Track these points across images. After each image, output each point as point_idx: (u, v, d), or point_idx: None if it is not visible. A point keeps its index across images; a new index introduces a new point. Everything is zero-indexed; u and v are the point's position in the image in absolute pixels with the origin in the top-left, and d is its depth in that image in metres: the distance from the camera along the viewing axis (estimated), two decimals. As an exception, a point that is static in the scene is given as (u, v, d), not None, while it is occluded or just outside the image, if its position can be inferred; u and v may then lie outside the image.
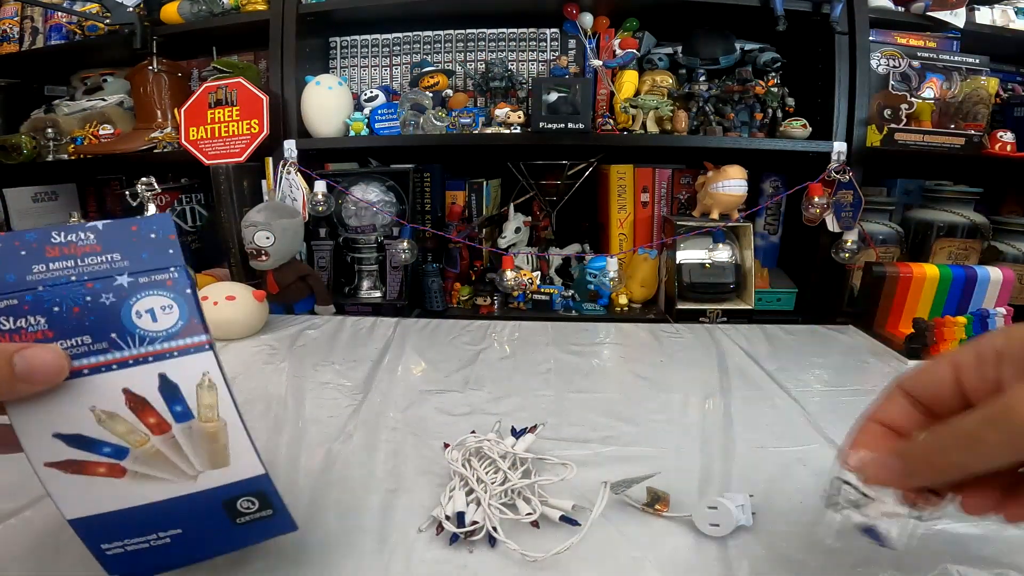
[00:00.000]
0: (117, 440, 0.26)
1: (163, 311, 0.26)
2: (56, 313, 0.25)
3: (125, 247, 0.27)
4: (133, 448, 0.27)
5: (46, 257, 0.25)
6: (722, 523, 0.36)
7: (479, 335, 0.81)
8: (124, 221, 0.27)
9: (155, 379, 0.26)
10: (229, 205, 0.94)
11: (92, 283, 0.26)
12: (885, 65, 0.98)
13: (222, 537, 0.30)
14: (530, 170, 1.07)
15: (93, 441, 0.26)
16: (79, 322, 0.25)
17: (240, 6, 1.04)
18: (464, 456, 0.43)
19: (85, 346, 0.25)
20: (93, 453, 0.26)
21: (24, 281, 0.25)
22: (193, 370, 0.27)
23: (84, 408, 0.26)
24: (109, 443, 0.26)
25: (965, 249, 0.98)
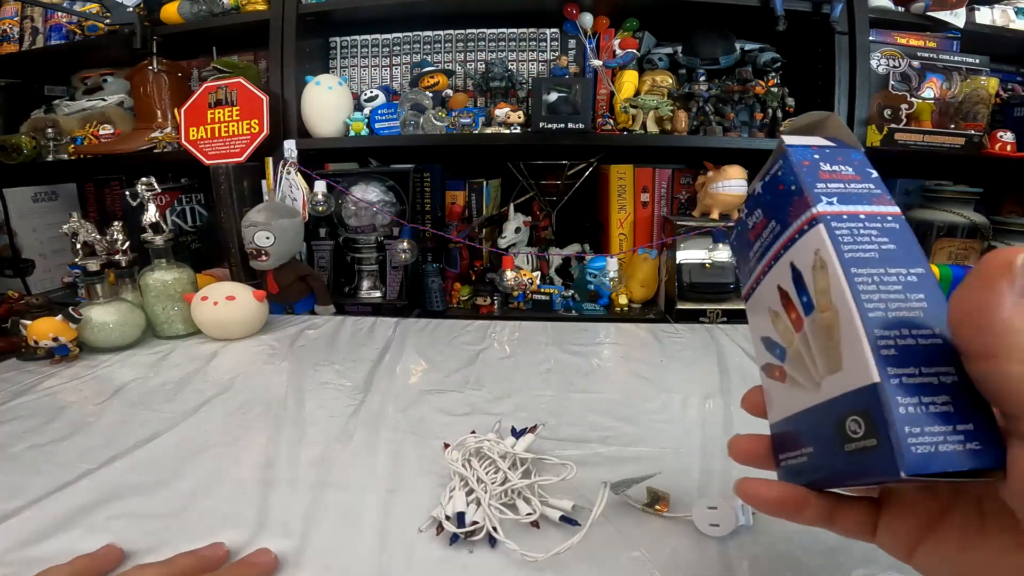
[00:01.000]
0: (780, 340, 0.26)
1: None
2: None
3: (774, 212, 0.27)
4: (787, 348, 0.26)
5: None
6: (722, 523, 0.36)
7: (479, 335, 0.81)
8: (772, 177, 0.27)
9: (788, 270, 0.25)
10: (229, 205, 0.94)
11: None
12: (885, 65, 0.98)
13: (838, 464, 0.23)
14: (530, 170, 1.07)
15: (773, 343, 0.27)
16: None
17: (240, 6, 1.04)
18: (464, 456, 0.43)
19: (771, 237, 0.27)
20: (773, 356, 0.27)
21: None
22: (808, 252, 0.24)
23: (767, 309, 0.27)
24: (778, 344, 0.26)
25: (965, 249, 0.98)
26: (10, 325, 0.72)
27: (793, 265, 0.25)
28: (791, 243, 0.25)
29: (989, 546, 0.21)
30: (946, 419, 0.20)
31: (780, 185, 0.26)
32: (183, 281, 0.80)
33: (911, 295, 0.22)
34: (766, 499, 0.25)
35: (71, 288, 1.09)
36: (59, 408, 0.58)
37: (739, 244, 0.31)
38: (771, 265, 0.27)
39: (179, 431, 0.53)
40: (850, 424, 0.22)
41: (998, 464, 0.19)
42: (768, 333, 0.28)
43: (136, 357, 0.73)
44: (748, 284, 0.30)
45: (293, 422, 0.54)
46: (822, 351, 0.23)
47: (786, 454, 0.27)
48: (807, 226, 0.24)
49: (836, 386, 0.23)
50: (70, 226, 0.74)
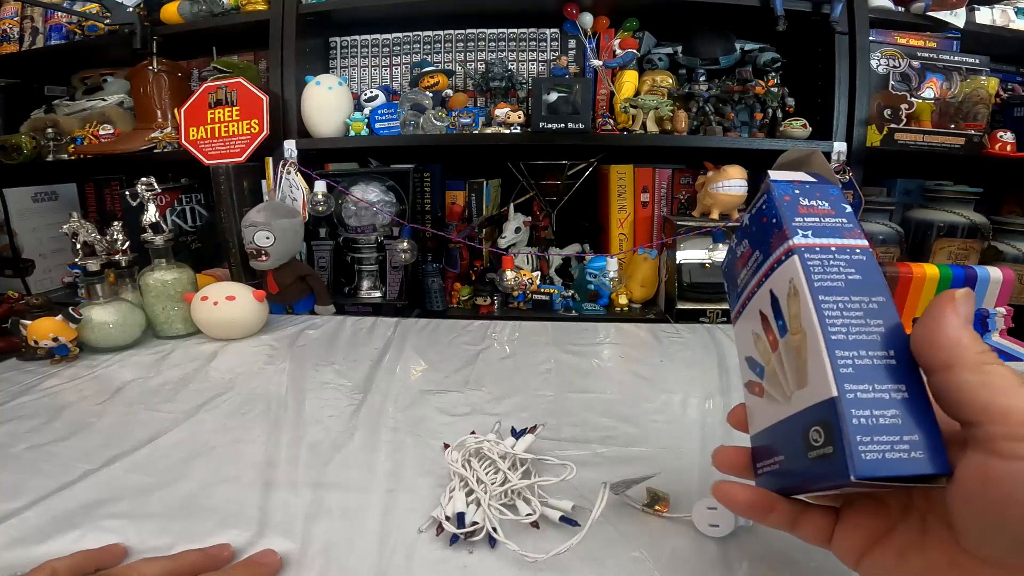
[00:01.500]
0: (760, 359, 0.29)
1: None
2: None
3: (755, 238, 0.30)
4: (765, 367, 0.28)
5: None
6: (722, 523, 0.36)
7: (479, 335, 0.81)
8: (758, 210, 0.30)
9: (768, 296, 0.28)
10: (229, 205, 0.94)
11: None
12: (885, 65, 0.98)
13: (803, 470, 0.25)
14: (530, 170, 1.07)
15: (755, 362, 0.29)
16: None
17: (240, 6, 1.04)
18: (464, 457, 0.43)
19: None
20: (754, 374, 0.29)
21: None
22: (784, 280, 0.27)
23: (750, 332, 0.30)
24: (759, 363, 0.29)
25: (965, 249, 0.98)
26: (10, 325, 0.72)
27: (772, 292, 0.28)
28: (771, 271, 0.28)
29: (925, 559, 0.23)
30: (894, 430, 0.22)
31: (764, 218, 0.29)
32: (183, 281, 0.80)
33: (871, 320, 0.25)
34: (737, 501, 0.28)
35: (71, 288, 1.09)
36: (59, 408, 0.58)
37: (729, 272, 0.34)
38: (755, 292, 0.30)
39: (179, 431, 0.53)
40: (812, 433, 0.24)
41: (941, 470, 0.22)
42: (751, 353, 0.31)
43: (136, 357, 0.73)
44: (736, 309, 0.33)
45: (293, 422, 0.54)
46: (793, 369, 0.26)
47: (763, 463, 0.29)
48: (784, 256, 0.27)
49: (802, 400, 0.25)
50: (70, 226, 0.74)
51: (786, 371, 0.27)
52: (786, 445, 0.27)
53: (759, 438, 0.30)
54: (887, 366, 0.24)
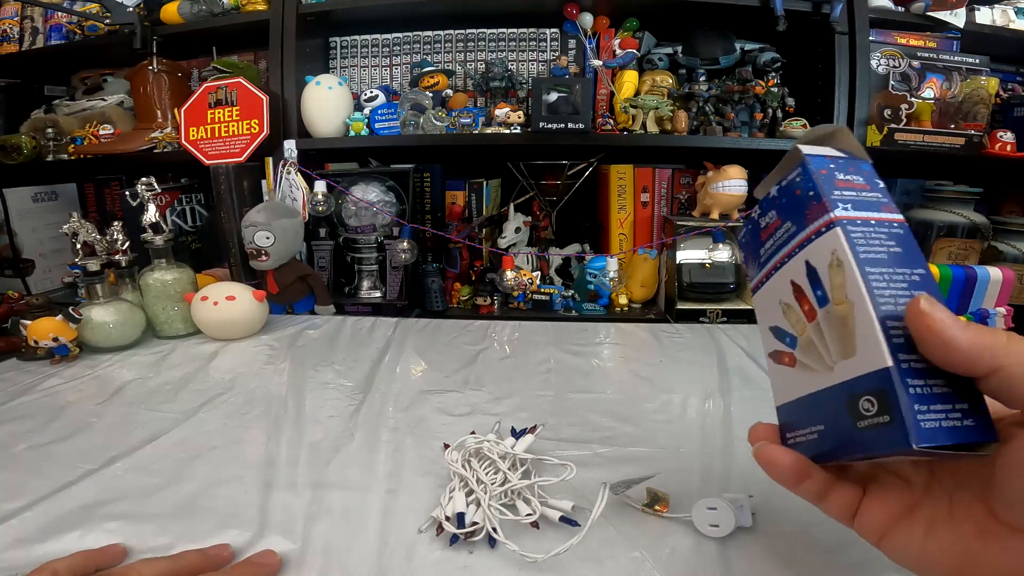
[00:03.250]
0: (791, 329, 0.29)
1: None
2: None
3: (791, 221, 0.29)
4: (799, 337, 0.28)
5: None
6: (722, 524, 0.36)
7: (479, 335, 0.81)
8: (790, 182, 0.30)
9: (803, 267, 0.28)
10: (229, 205, 0.94)
11: None
12: (885, 65, 0.98)
13: (849, 439, 0.25)
14: (530, 170, 1.07)
15: (783, 332, 0.29)
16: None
17: (240, 6, 1.04)
18: (464, 457, 0.43)
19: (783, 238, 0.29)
20: (783, 343, 0.29)
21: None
22: (824, 251, 0.26)
23: (776, 302, 0.30)
24: (789, 333, 0.29)
25: (965, 249, 0.98)
26: (10, 325, 0.72)
27: (808, 263, 0.27)
28: (807, 242, 0.28)
29: (952, 533, 0.24)
30: (945, 399, 0.23)
31: (798, 190, 0.29)
32: (183, 281, 0.80)
33: (915, 293, 0.24)
34: (781, 463, 0.28)
35: (71, 288, 1.08)
36: (59, 408, 0.58)
37: (749, 242, 0.33)
38: (784, 262, 0.29)
39: (179, 431, 0.53)
40: (863, 403, 0.24)
41: (992, 438, 0.22)
42: (778, 323, 0.30)
43: (136, 357, 0.73)
44: (757, 278, 0.32)
45: (293, 422, 0.54)
46: (836, 339, 0.26)
47: (794, 433, 0.29)
48: (824, 228, 0.27)
49: (849, 370, 0.25)
50: (70, 226, 0.74)
51: (827, 341, 0.26)
52: (828, 414, 0.26)
53: (790, 409, 0.30)
54: None
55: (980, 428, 0.22)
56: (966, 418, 0.22)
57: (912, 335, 0.23)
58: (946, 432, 0.22)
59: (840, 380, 0.26)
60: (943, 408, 0.22)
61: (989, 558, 0.23)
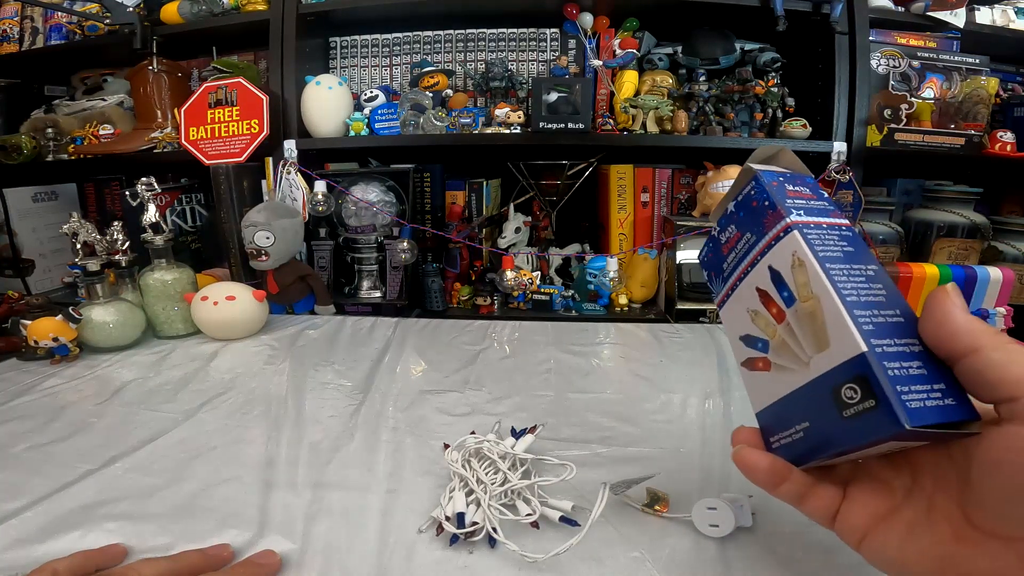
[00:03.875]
0: (762, 334, 0.30)
1: None
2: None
3: (746, 226, 0.31)
4: (770, 340, 0.29)
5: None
6: (722, 524, 0.36)
7: (479, 335, 0.81)
8: (745, 196, 0.32)
9: (767, 272, 0.29)
10: (229, 205, 0.94)
11: None
12: (885, 65, 0.98)
13: (835, 432, 0.26)
14: (530, 170, 1.07)
15: (754, 339, 0.30)
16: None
17: (240, 6, 1.04)
18: (464, 457, 0.43)
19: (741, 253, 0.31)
20: (755, 349, 0.30)
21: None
22: (786, 254, 0.28)
23: (743, 311, 0.31)
24: (760, 338, 0.30)
25: (965, 249, 0.98)
26: (10, 325, 0.72)
27: (771, 267, 0.29)
28: (767, 249, 0.29)
29: (930, 536, 0.25)
30: (923, 380, 0.23)
31: (754, 202, 0.31)
32: (183, 281, 0.80)
33: (872, 285, 0.26)
34: (757, 467, 0.28)
35: (71, 288, 1.09)
36: (59, 408, 0.58)
37: (712, 259, 0.34)
38: (748, 271, 0.31)
39: (179, 431, 0.53)
40: (845, 392, 0.25)
41: (973, 415, 0.23)
42: (748, 331, 0.31)
43: (136, 357, 0.73)
44: (722, 293, 0.34)
45: (293, 422, 0.54)
46: (808, 334, 0.27)
47: (778, 436, 0.29)
48: (783, 233, 0.28)
49: (825, 362, 0.26)
50: (70, 226, 0.74)
51: (799, 338, 0.27)
52: (811, 410, 0.27)
53: (770, 413, 0.30)
54: (898, 323, 0.25)
55: (961, 406, 0.23)
56: (946, 397, 0.23)
57: (924, 309, 0.25)
58: (932, 411, 0.22)
59: (818, 373, 0.26)
60: (923, 388, 0.23)
61: (965, 562, 0.23)
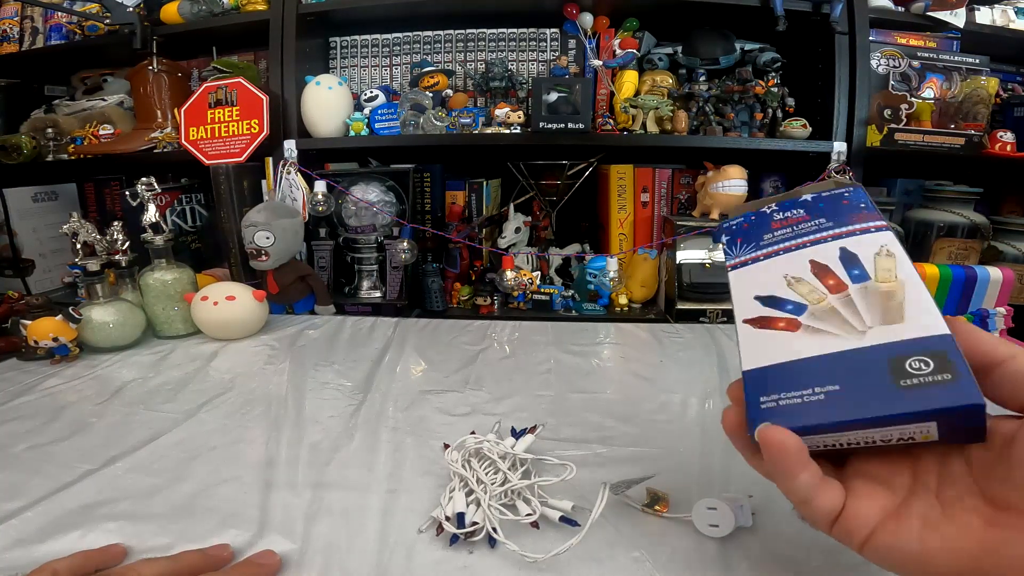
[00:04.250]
0: (798, 298, 0.32)
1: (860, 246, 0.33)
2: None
3: (827, 213, 0.34)
4: (811, 305, 0.31)
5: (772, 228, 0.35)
6: (722, 524, 0.36)
7: (479, 335, 0.81)
8: (829, 196, 0.35)
9: (836, 251, 0.32)
10: (229, 205, 0.94)
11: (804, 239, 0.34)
12: (885, 65, 0.98)
13: (879, 398, 0.26)
14: (530, 170, 1.07)
15: (780, 300, 0.32)
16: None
17: (240, 6, 1.04)
18: (464, 457, 0.43)
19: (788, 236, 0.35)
20: (777, 310, 0.32)
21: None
22: (871, 244, 0.32)
23: (778, 276, 0.33)
24: (792, 301, 0.32)
25: (965, 249, 0.98)
26: (10, 325, 0.72)
27: (844, 248, 0.33)
28: (846, 236, 0.33)
29: (955, 528, 0.25)
30: (967, 368, 0.26)
31: (845, 200, 0.35)
32: (183, 281, 0.80)
33: None
34: (785, 445, 0.27)
35: (71, 288, 1.09)
36: (59, 408, 0.58)
37: (747, 230, 0.37)
38: (804, 246, 0.34)
39: (179, 431, 0.53)
40: (912, 363, 0.26)
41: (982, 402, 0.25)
42: (774, 292, 0.33)
43: (136, 357, 0.73)
44: (744, 257, 0.36)
45: (293, 422, 0.54)
46: (879, 309, 0.29)
47: (778, 396, 0.29)
48: (874, 229, 0.33)
49: (891, 334, 0.28)
50: (70, 226, 0.74)
51: (862, 310, 0.30)
52: (851, 374, 0.28)
53: (778, 371, 0.30)
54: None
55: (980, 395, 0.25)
56: (974, 387, 0.25)
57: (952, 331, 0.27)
58: (979, 394, 0.25)
59: (879, 342, 0.28)
60: (970, 376, 0.26)
61: (1010, 545, 0.23)
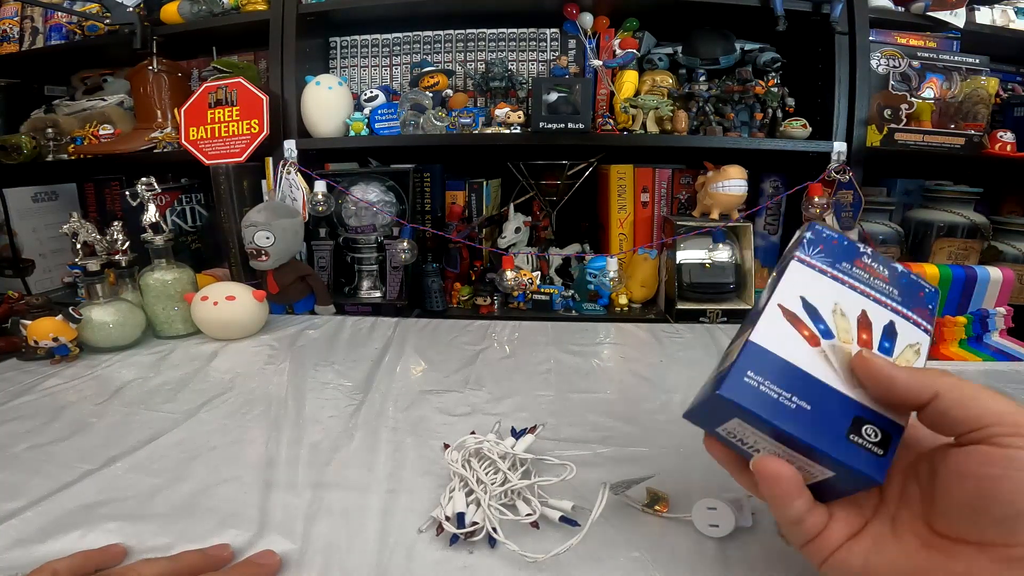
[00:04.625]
0: (833, 327, 0.32)
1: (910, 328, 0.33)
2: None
3: (903, 289, 0.35)
4: (838, 340, 0.31)
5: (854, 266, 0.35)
6: (722, 524, 0.36)
7: (479, 335, 0.81)
8: (914, 281, 0.35)
9: (886, 319, 0.33)
10: (229, 205, 0.94)
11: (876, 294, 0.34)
12: (885, 65, 0.98)
13: (829, 438, 0.28)
14: (530, 170, 1.07)
15: (818, 315, 0.32)
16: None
17: (240, 6, 1.04)
18: (464, 457, 0.43)
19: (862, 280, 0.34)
20: (810, 319, 0.32)
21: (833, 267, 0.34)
22: (911, 335, 0.32)
23: (831, 299, 0.33)
24: (826, 324, 0.32)
25: (965, 249, 0.98)
26: (10, 325, 0.72)
27: (893, 323, 0.33)
28: (903, 317, 0.33)
29: (897, 548, 0.27)
30: None
31: (922, 293, 0.35)
32: (183, 281, 0.80)
33: None
34: (780, 474, 0.28)
35: (71, 288, 1.09)
36: (59, 408, 0.58)
37: (836, 249, 0.35)
38: (867, 295, 0.33)
39: (179, 431, 0.53)
40: (868, 429, 0.28)
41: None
42: (818, 307, 0.32)
43: (136, 357, 0.73)
44: (814, 262, 0.35)
45: (293, 422, 0.54)
46: None
47: (762, 381, 0.30)
48: (923, 329, 0.33)
49: (871, 402, 0.29)
50: (70, 226, 0.74)
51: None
52: (822, 406, 0.29)
53: (775, 364, 0.30)
54: None
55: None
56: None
57: (860, 380, 0.29)
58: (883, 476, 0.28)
59: (859, 400, 0.29)
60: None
61: (937, 567, 0.25)
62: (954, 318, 0.72)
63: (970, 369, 0.68)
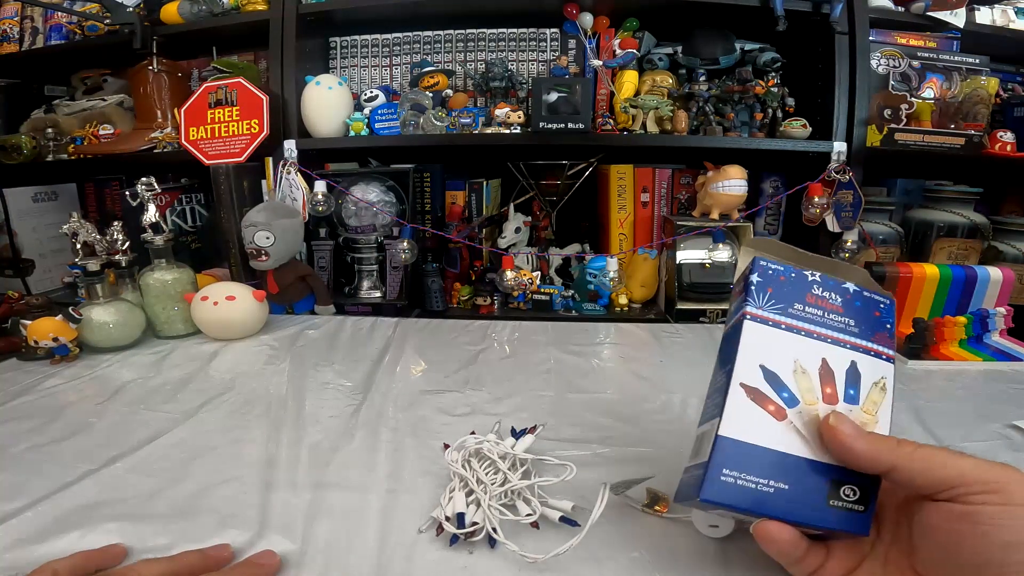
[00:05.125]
0: (796, 390, 0.31)
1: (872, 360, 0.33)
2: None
3: (859, 316, 0.34)
4: (803, 403, 0.31)
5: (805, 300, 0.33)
6: (721, 524, 0.36)
7: (479, 335, 0.81)
8: (868, 299, 0.34)
9: (847, 362, 0.32)
10: (229, 205, 0.94)
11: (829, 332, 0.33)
12: (885, 65, 0.98)
13: (810, 510, 0.30)
14: (530, 170, 1.07)
15: (780, 383, 0.31)
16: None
17: (240, 6, 1.04)
18: (464, 457, 0.43)
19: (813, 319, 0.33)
20: (773, 390, 0.31)
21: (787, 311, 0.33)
22: (874, 372, 0.33)
23: (790, 357, 0.32)
24: (789, 390, 0.31)
25: (965, 249, 0.98)
26: (10, 325, 0.72)
27: (855, 364, 0.33)
28: (864, 352, 0.33)
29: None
30: None
31: (877, 312, 0.35)
32: (183, 281, 0.80)
33: None
34: (780, 538, 0.30)
35: (71, 288, 1.09)
36: (59, 408, 0.58)
37: (785, 287, 0.34)
38: (824, 339, 0.33)
39: (180, 431, 0.53)
40: (846, 489, 0.30)
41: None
42: (777, 371, 0.32)
43: (136, 357, 0.73)
44: (766, 314, 0.33)
45: (293, 422, 0.54)
46: None
47: (740, 474, 0.30)
48: (885, 358, 0.34)
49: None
50: (70, 226, 0.74)
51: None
52: (799, 480, 0.30)
53: (746, 451, 0.30)
54: None
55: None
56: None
57: (826, 446, 0.30)
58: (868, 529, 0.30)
59: (830, 460, 0.30)
60: None
61: None
62: (954, 318, 0.72)
63: (970, 369, 0.68)
